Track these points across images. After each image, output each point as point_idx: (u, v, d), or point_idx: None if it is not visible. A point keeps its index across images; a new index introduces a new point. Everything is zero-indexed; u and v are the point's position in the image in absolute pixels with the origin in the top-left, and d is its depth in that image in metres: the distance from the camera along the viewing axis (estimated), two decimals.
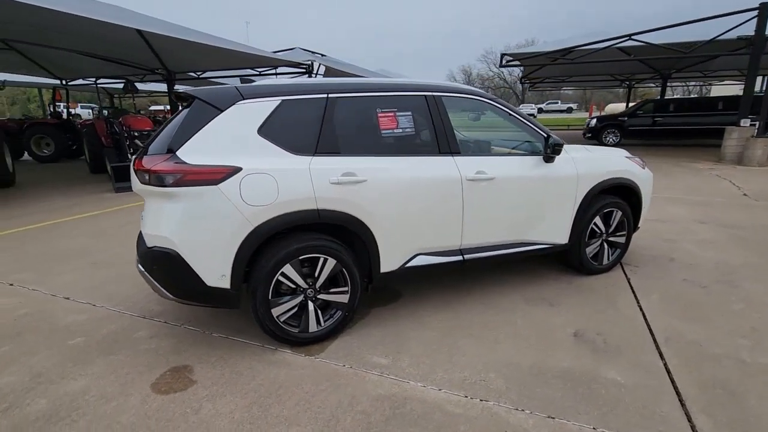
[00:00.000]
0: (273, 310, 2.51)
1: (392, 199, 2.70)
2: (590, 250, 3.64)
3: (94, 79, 13.70)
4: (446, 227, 2.94)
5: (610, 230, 3.70)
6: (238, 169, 2.32)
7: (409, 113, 2.86)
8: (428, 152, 2.90)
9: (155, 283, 2.41)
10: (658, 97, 19.13)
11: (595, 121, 16.52)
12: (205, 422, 2.02)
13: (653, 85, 24.04)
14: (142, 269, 2.48)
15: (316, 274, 2.59)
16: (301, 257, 2.51)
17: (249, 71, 14.18)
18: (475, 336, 2.77)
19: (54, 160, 13.65)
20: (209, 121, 2.37)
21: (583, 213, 3.47)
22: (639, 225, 3.95)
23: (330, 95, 2.65)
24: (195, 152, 2.32)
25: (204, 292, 2.38)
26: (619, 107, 25.98)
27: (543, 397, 2.19)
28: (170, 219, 2.31)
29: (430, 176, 2.82)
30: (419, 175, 2.79)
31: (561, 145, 3.16)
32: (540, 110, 50.41)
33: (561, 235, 3.44)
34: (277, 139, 2.47)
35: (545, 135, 3.22)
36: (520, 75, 20.55)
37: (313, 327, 2.64)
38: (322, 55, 19.65)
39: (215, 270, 2.35)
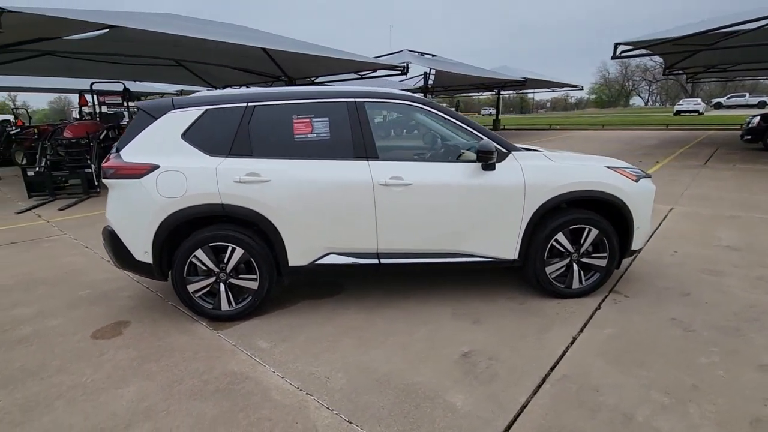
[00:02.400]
0: (188, 287, 2.98)
1: (296, 198, 2.92)
2: (552, 270, 3.25)
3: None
4: (359, 229, 3.02)
5: (582, 250, 3.24)
6: (156, 167, 2.84)
7: (326, 119, 3.02)
8: (342, 156, 3.01)
9: (108, 254, 3.09)
10: None
11: (758, 119, 13.26)
12: (98, 363, 2.59)
13: None
14: (103, 243, 3.20)
15: (226, 261, 2.97)
16: (211, 244, 2.93)
17: (353, 75, 15.20)
18: (364, 339, 2.82)
19: None
20: (146, 127, 2.94)
21: (535, 227, 3.14)
22: (636, 248, 3.35)
23: (249, 104, 2.99)
24: (133, 152, 2.92)
25: (135, 264, 2.98)
26: None
27: (363, 403, 2.20)
28: (111, 204, 2.96)
29: (338, 179, 2.95)
30: (326, 178, 2.94)
31: (488, 152, 2.93)
32: (718, 105, 41.94)
33: (506, 250, 3.17)
34: (196, 143, 2.92)
35: (480, 140, 3.02)
36: (663, 66, 17.51)
37: (225, 306, 3.04)
38: (433, 55, 19.86)
39: (140, 247, 2.92)
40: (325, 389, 2.31)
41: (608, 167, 3.24)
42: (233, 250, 2.95)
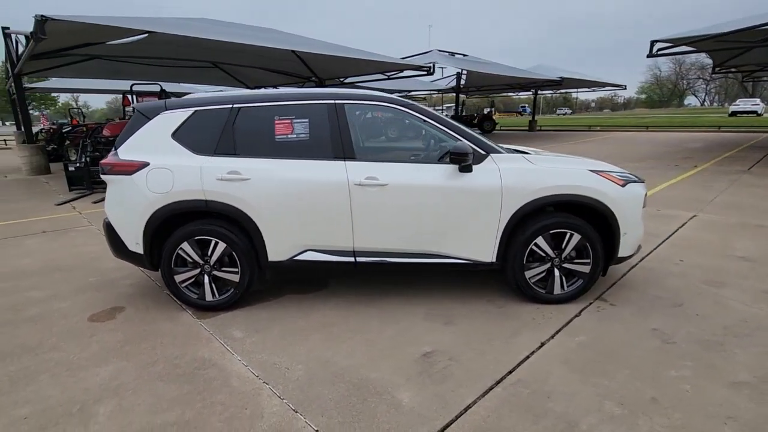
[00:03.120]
0: (176, 277, 3.18)
1: (275, 196, 3.04)
2: (532, 275, 3.20)
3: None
4: (335, 228, 3.11)
5: (564, 255, 3.17)
6: (146, 164, 3.05)
7: (307, 120, 3.12)
8: (321, 156, 3.10)
9: (107, 243, 3.34)
10: None
11: None
12: (87, 343, 2.81)
13: None
14: (103, 233, 3.45)
15: (209, 254, 3.14)
16: (196, 237, 3.11)
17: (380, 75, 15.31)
18: (334, 335, 2.90)
19: None
20: (141, 127, 3.16)
21: (514, 230, 3.10)
22: (625, 255, 3.24)
23: (235, 105, 3.15)
24: (129, 150, 3.14)
25: (128, 253, 3.21)
26: None
27: (314, 394, 2.28)
28: (108, 198, 3.20)
29: (315, 179, 3.05)
30: (303, 177, 3.05)
31: (461, 154, 2.92)
32: None
33: (483, 253, 3.15)
34: (185, 142, 3.11)
35: (457, 142, 3.02)
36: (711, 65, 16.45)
37: (209, 297, 3.21)
38: (464, 55, 19.65)
39: (132, 238, 3.14)
40: (283, 379, 2.42)
41: (591, 170, 3.15)
42: (216, 243, 3.12)
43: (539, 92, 31.48)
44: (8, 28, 10.65)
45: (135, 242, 3.14)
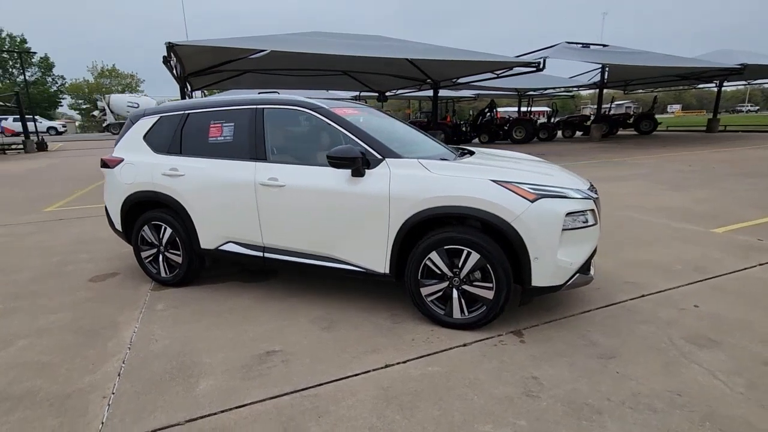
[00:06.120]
0: (141, 254, 3.87)
1: (200, 191, 3.46)
2: (429, 293, 2.91)
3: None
4: (246, 224, 3.36)
5: (463, 275, 2.79)
6: (122, 160, 3.80)
7: (232, 124, 3.44)
8: (240, 157, 3.37)
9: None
10: None
11: None
12: (72, 295, 3.67)
13: None
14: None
15: (160, 237, 3.74)
16: (152, 223, 3.74)
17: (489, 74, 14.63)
18: (218, 322, 3.12)
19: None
20: (128, 130, 3.93)
21: (404, 242, 2.88)
22: (542, 284, 2.69)
23: (187, 111, 3.66)
24: (118, 149, 3.95)
25: (116, 230, 4.03)
26: None
27: (147, 365, 2.60)
28: (104, 186, 4.07)
29: (229, 177, 3.34)
30: (222, 175, 3.38)
31: (339, 158, 2.82)
32: None
33: (376, 262, 3.00)
34: (150, 143, 3.76)
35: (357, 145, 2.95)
36: None
37: (162, 273, 3.81)
38: (603, 45, 17.23)
39: (116, 219, 3.94)
40: (142, 348, 2.79)
41: (493, 180, 2.68)
42: (165, 229, 3.69)
43: (724, 84, 25.34)
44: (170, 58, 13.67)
45: (118, 222, 3.94)
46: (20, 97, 24.64)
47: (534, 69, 12.53)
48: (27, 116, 25.23)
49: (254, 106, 3.40)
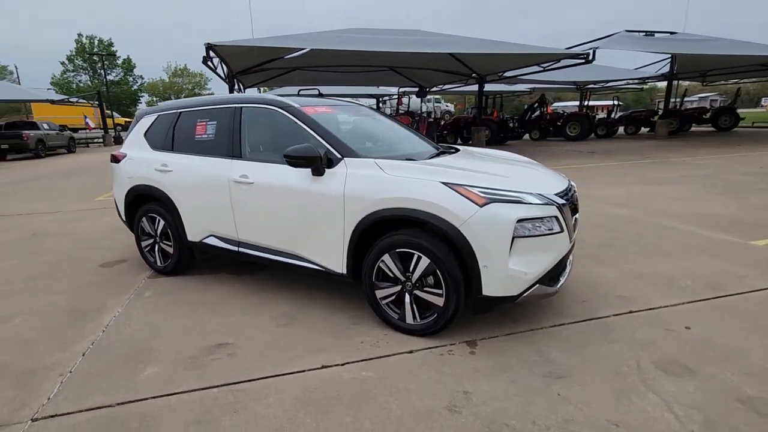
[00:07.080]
0: (141, 243, 4.16)
1: (186, 186, 3.64)
2: (383, 296, 2.86)
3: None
4: (223, 219, 3.48)
5: (414, 279, 2.71)
6: (125, 155, 4.08)
7: (215, 122, 3.57)
8: (220, 154, 3.50)
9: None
10: None
11: None
12: (77, 278, 4.03)
13: None
14: None
15: (155, 228, 3.98)
16: (149, 215, 3.99)
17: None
18: (193, 311, 3.28)
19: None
20: (134, 127, 4.22)
21: (359, 243, 2.84)
22: (495, 294, 2.54)
23: (179, 110, 3.85)
24: (128, 145, 4.25)
25: (123, 221, 4.35)
26: None
27: (110, 347, 2.79)
28: (113, 179, 4.39)
29: (209, 173, 3.48)
30: (202, 172, 3.52)
31: (295, 157, 2.83)
32: None
33: (334, 262, 2.99)
34: (149, 140, 4.01)
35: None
36: None
37: (158, 263, 4.07)
38: (671, 33, 15.72)
39: (121, 209, 4.26)
40: (115, 332, 3.00)
41: (443, 183, 2.55)
42: (159, 220, 3.93)
43: None
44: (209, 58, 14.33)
45: (123, 212, 4.26)
46: (101, 95, 27.28)
47: (583, 61, 11.71)
48: (106, 112, 27.86)
49: (234, 105, 3.51)
